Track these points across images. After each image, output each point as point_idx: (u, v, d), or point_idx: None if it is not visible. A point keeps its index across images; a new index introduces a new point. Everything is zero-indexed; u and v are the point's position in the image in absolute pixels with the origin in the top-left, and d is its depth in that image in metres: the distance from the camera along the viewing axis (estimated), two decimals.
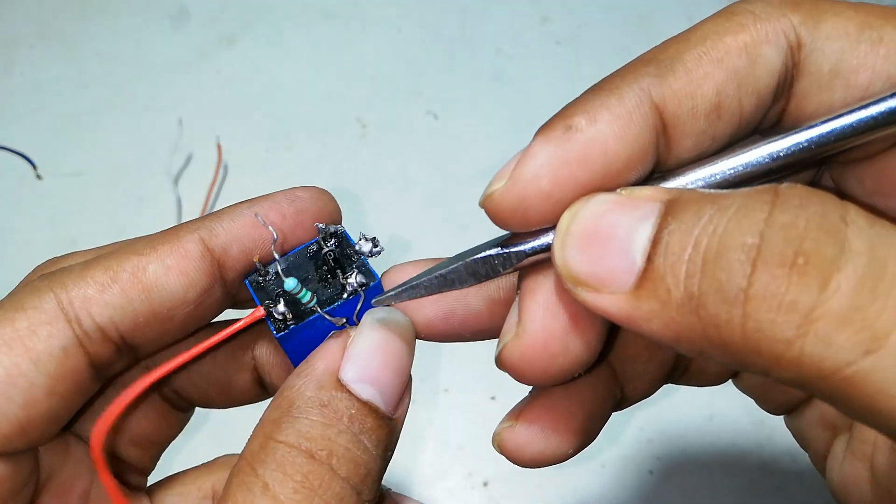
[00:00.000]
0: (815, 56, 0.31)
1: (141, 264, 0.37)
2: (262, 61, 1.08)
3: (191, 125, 1.01)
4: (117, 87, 1.06)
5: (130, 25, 1.11)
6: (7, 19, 1.12)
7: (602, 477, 0.80)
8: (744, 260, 0.24)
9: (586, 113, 0.30)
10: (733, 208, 0.25)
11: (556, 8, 1.10)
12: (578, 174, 0.30)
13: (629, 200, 0.28)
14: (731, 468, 0.80)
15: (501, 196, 0.31)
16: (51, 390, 0.35)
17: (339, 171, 1.00)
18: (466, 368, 0.84)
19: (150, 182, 0.98)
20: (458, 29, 1.10)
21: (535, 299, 0.33)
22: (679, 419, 0.83)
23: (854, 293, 0.22)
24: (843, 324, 0.22)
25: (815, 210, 0.24)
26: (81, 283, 0.36)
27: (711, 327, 0.25)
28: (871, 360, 0.22)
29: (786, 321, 0.23)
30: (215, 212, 0.39)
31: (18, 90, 1.06)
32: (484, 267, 0.33)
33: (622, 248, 0.27)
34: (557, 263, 0.29)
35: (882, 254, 0.23)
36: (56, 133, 1.03)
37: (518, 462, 0.39)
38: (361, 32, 1.10)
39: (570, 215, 0.29)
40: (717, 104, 0.31)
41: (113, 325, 0.36)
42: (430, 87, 1.05)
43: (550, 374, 0.34)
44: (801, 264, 0.23)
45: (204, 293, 0.38)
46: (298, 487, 0.31)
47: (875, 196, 0.33)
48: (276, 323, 0.37)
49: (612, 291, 0.27)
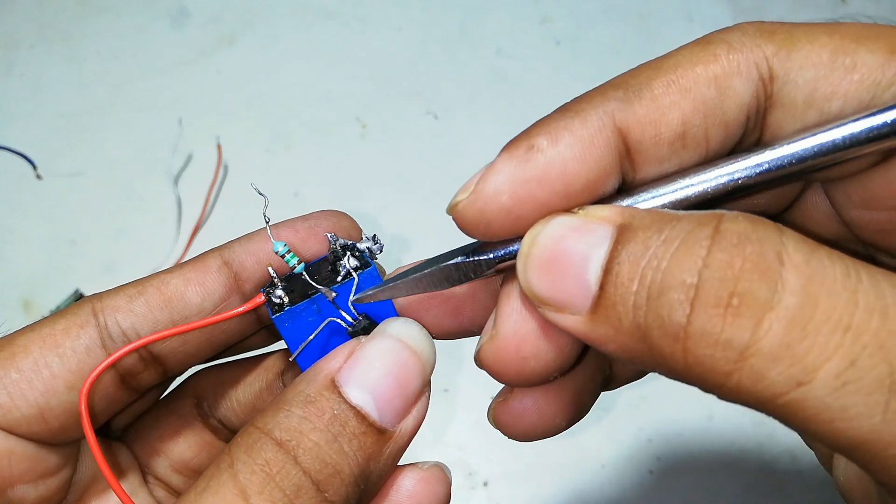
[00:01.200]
0: (788, 88, 0.31)
1: (165, 279, 0.40)
2: (262, 61, 1.08)
3: (191, 125, 1.01)
4: (117, 87, 1.06)
5: (130, 25, 1.11)
6: (7, 19, 1.12)
7: (602, 477, 0.80)
8: (683, 299, 0.25)
9: (549, 134, 0.31)
10: (676, 243, 0.26)
11: (556, 8, 1.10)
12: (538, 193, 0.31)
13: (584, 224, 0.30)
14: (731, 468, 0.80)
15: (465, 208, 0.32)
16: (71, 385, 0.38)
17: (339, 171, 1.00)
18: (466, 368, 0.84)
19: (150, 182, 0.98)
20: (458, 29, 1.10)
21: (509, 303, 0.35)
22: (679, 419, 0.83)
23: (785, 332, 0.24)
24: (775, 361, 0.24)
25: (751, 250, 0.25)
26: (114, 296, 0.40)
27: (658, 356, 0.27)
28: (802, 390, 0.24)
29: (723, 357, 0.25)
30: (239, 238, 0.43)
31: (18, 90, 1.06)
32: (456, 272, 0.35)
33: (577, 274, 0.29)
34: (522, 285, 0.31)
35: (814, 291, 0.24)
36: (56, 133, 1.03)
37: (512, 435, 0.39)
38: (361, 32, 1.10)
39: (529, 239, 0.31)
40: (682, 133, 0.32)
41: (134, 330, 0.39)
42: (430, 87, 1.05)
43: (524, 376, 0.35)
44: (735, 305, 0.25)
45: (220, 302, 0.40)
46: (257, 470, 0.32)
47: (862, 209, 0.34)
48: (272, 306, 0.39)
49: (572, 313, 0.29)
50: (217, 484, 0.32)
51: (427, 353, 0.38)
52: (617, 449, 0.81)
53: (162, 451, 0.45)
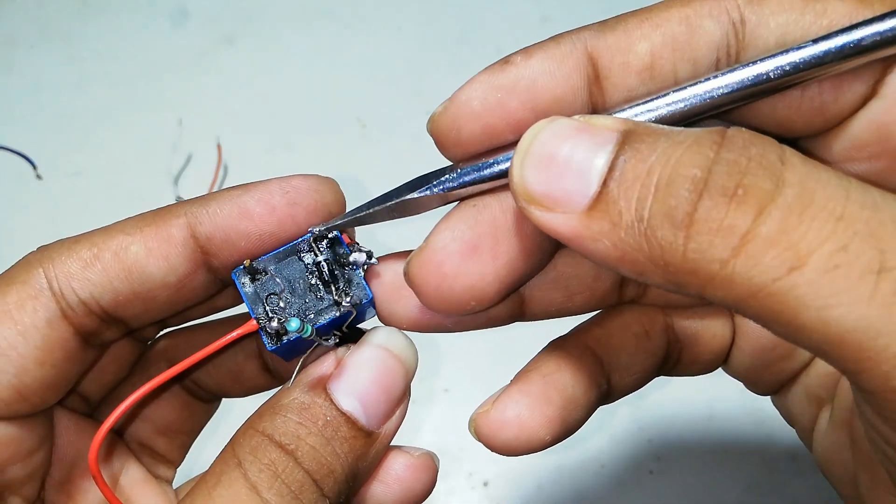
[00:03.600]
0: (760, 30, 0.33)
1: (124, 244, 0.38)
2: (262, 61, 1.08)
3: (191, 125, 1.01)
4: (117, 87, 1.06)
5: (130, 25, 1.11)
6: (7, 19, 1.12)
7: (602, 477, 0.80)
8: (691, 189, 0.26)
9: (525, 53, 0.35)
10: (686, 143, 0.27)
11: (556, 8, 1.10)
12: (507, 101, 0.34)
13: (588, 126, 0.30)
14: (731, 468, 0.80)
15: (439, 115, 0.35)
16: (40, 360, 0.37)
17: (339, 171, 0.99)
18: (466, 368, 0.84)
19: (150, 182, 0.98)
20: (458, 29, 1.10)
21: (446, 223, 0.37)
22: (679, 419, 0.83)
23: (783, 219, 0.25)
24: (771, 245, 0.25)
25: (756, 150, 0.26)
26: (67, 259, 0.38)
27: (656, 248, 0.27)
28: (794, 276, 0.24)
29: (722, 242, 0.25)
30: (209, 194, 0.39)
31: (18, 90, 1.06)
32: (421, 182, 0.37)
33: (579, 170, 0.29)
34: (514, 181, 0.30)
35: (811, 186, 0.25)
36: (56, 133, 1.03)
37: (494, 448, 0.39)
38: (361, 32, 1.10)
39: (530, 135, 0.31)
40: (650, 64, 0.34)
41: (94, 300, 0.38)
42: (430, 87, 1.05)
43: (442, 295, 0.36)
44: (741, 195, 0.26)
45: (184, 278, 0.39)
46: (264, 469, 0.35)
47: (845, 163, 0.35)
48: (269, 337, 0.38)
49: (565, 211, 0.29)
50: (228, 480, 0.34)
51: (410, 360, 0.40)
52: (617, 449, 0.81)
53: (143, 416, 0.47)
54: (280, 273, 0.39)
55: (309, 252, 0.39)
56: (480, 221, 0.36)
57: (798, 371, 0.43)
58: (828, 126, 0.35)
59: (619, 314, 0.43)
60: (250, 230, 0.38)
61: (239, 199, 0.38)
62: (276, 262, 0.39)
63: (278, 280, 0.39)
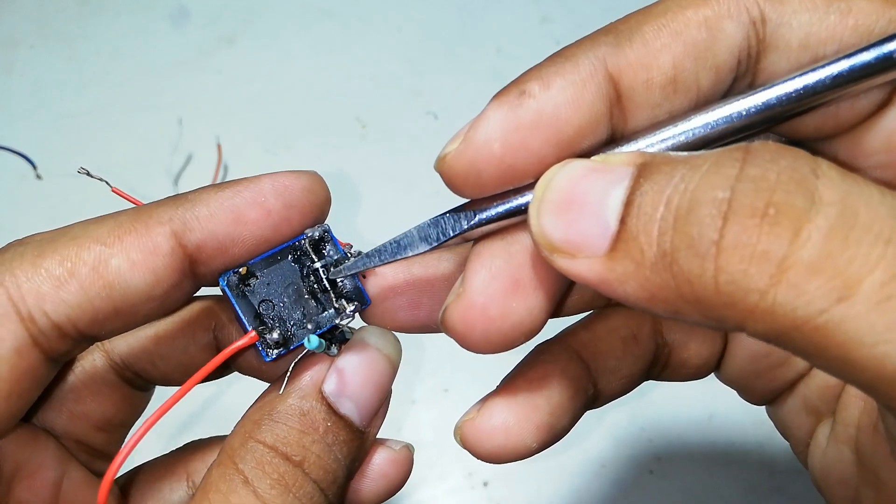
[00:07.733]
0: (782, 30, 0.31)
1: (103, 257, 0.33)
2: (262, 61, 1.08)
3: (191, 125, 1.01)
4: (117, 87, 1.06)
5: (130, 25, 1.11)
6: (7, 19, 1.12)
7: (602, 477, 0.80)
8: (714, 214, 0.24)
9: (540, 79, 0.31)
10: (705, 167, 0.25)
11: (556, 8, 1.10)
12: (530, 139, 0.30)
13: (603, 165, 0.28)
14: (731, 468, 0.80)
15: (454, 159, 0.31)
16: (7, 393, 0.33)
17: (339, 171, 1.00)
18: (466, 368, 0.84)
19: (150, 182, 0.98)
20: (458, 29, 1.10)
21: (479, 261, 0.34)
22: (679, 419, 0.83)
23: (825, 242, 0.22)
24: (815, 272, 0.22)
25: (785, 163, 0.24)
26: (35, 277, 0.33)
27: (685, 283, 0.25)
28: (843, 307, 0.22)
29: (758, 271, 0.23)
30: (191, 195, 0.36)
31: (18, 90, 1.06)
32: (434, 230, 0.34)
33: (596, 212, 0.27)
34: (534, 231, 0.29)
35: (853, 203, 0.23)
36: (56, 133, 1.03)
37: (480, 455, 0.39)
38: (361, 32, 1.10)
39: (544, 183, 0.29)
40: (674, 77, 0.31)
41: (70, 322, 0.34)
42: (430, 87, 1.05)
43: (490, 339, 0.33)
44: (773, 214, 0.23)
45: (171, 290, 0.35)
46: (274, 484, 0.34)
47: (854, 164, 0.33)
48: (267, 349, 0.36)
49: (588, 256, 0.27)
50: (238, 499, 0.33)
51: (398, 359, 0.40)
52: (617, 449, 0.81)
53: (82, 413, 0.43)
54: (271, 277, 0.37)
55: (303, 256, 0.37)
56: (514, 254, 0.33)
57: (794, 381, 0.42)
58: (839, 131, 0.33)
59: (606, 317, 0.42)
60: (245, 236, 0.36)
61: (231, 202, 0.36)
62: (265, 266, 0.37)
63: (269, 285, 0.37)
